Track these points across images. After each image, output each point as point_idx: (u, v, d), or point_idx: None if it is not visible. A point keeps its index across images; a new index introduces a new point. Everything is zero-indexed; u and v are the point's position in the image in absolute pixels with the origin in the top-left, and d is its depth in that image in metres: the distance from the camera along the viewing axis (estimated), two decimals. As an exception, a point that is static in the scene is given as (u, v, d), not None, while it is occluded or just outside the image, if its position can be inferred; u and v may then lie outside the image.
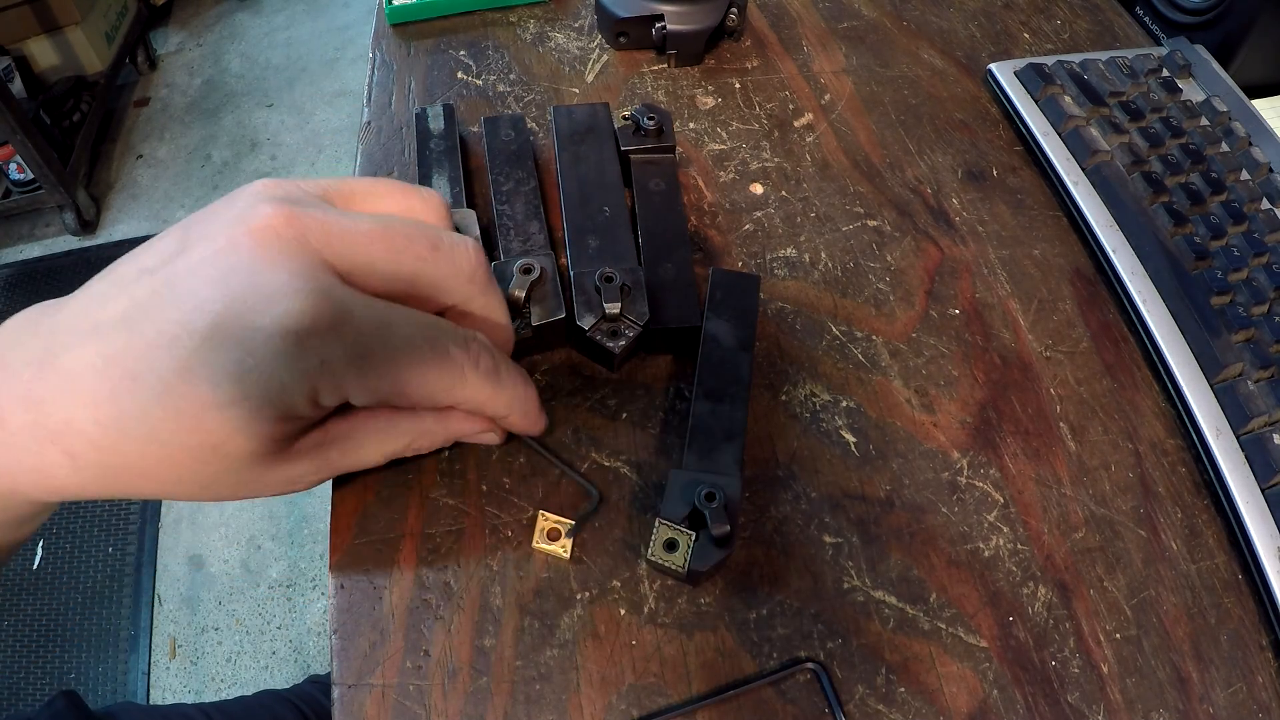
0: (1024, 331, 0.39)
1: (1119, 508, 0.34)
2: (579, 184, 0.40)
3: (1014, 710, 0.29)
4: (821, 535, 0.32)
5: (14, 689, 1.14)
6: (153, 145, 1.87)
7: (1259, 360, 0.36)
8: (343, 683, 0.28)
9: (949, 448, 0.35)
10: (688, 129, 0.46)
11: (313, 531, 1.29)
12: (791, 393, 0.36)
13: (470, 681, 0.28)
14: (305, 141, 1.87)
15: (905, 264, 0.41)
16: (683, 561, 0.28)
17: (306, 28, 2.17)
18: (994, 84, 0.48)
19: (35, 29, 1.67)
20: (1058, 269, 0.41)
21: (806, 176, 0.44)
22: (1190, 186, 0.42)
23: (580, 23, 0.52)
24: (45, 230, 1.69)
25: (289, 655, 1.18)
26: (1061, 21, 0.54)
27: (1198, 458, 0.35)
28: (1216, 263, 0.39)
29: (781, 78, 0.49)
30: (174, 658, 1.17)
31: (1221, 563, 0.33)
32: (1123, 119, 0.45)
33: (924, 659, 0.30)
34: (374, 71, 0.49)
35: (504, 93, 0.48)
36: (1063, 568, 0.32)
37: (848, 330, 0.38)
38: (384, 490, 0.32)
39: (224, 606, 1.22)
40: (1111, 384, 0.37)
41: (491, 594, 0.30)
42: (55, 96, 1.66)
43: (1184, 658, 0.30)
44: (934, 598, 0.31)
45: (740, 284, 0.36)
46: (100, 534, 1.28)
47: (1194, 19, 0.54)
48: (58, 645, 1.17)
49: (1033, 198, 0.44)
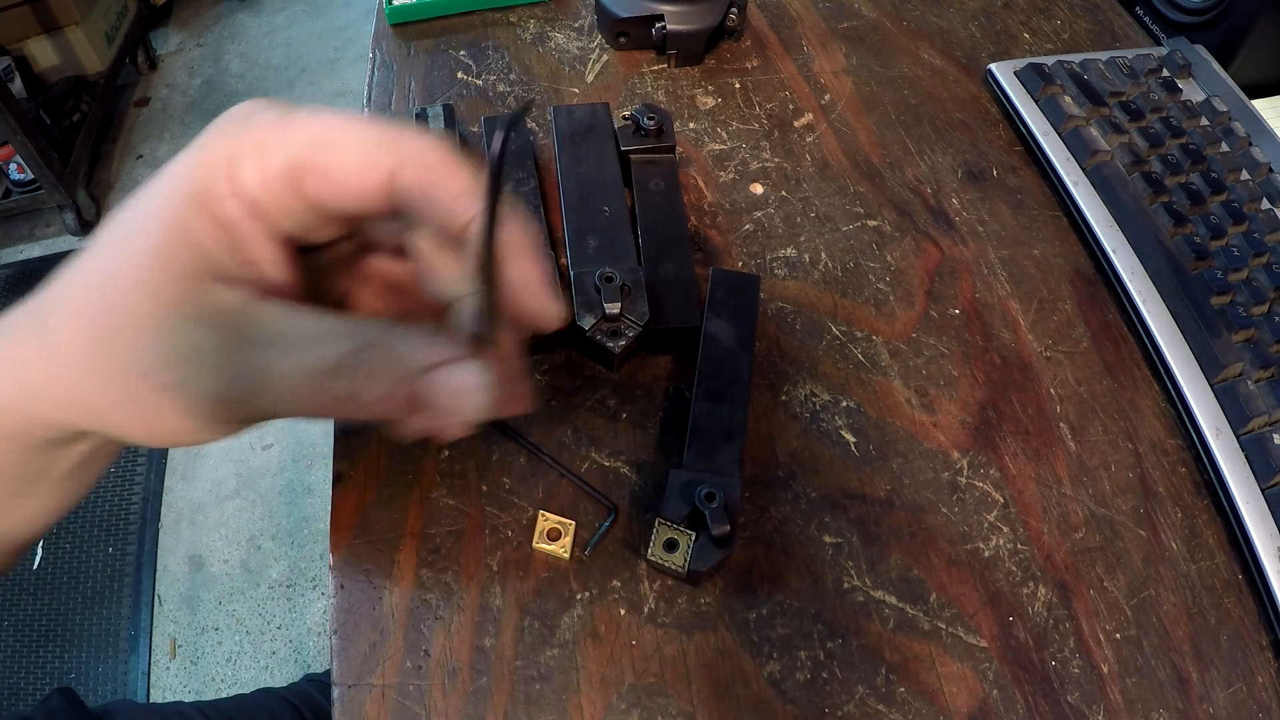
0: (1024, 331, 0.39)
1: (1119, 508, 0.34)
2: (579, 184, 0.40)
3: (1014, 710, 0.29)
4: (821, 535, 0.32)
5: (14, 689, 1.14)
6: (153, 145, 1.87)
7: (1259, 360, 0.36)
8: (343, 683, 0.28)
9: (949, 448, 0.35)
10: (688, 129, 0.46)
11: (313, 531, 1.29)
12: (791, 393, 0.36)
13: (470, 681, 0.28)
14: (305, 141, 1.87)
15: (905, 264, 0.41)
16: (683, 561, 0.28)
17: (306, 28, 2.17)
18: (994, 84, 0.48)
19: (35, 29, 1.67)
20: (1058, 269, 0.41)
21: (806, 176, 0.44)
22: (1190, 186, 0.42)
23: (580, 23, 0.52)
24: (45, 230, 1.69)
25: (289, 655, 1.18)
26: (1061, 21, 0.54)
27: (1198, 458, 0.35)
28: (1216, 263, 0.39)
29: (781, 78, 0.49)
30: (174, 658, 1.17)
31: (1221, 563, 0.33)
32: (1123, 119, 0.45)
33: (924, 659, 0.30)
34: (374, 71, 0.49)
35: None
36: (1063, 568, 0.32)
37: (848, 330, 0.38)
38: (384, 490, 0.32)
39: (224, 606, 1.22)
40: (1111, 384, 0.37)
41: (491, 594, 0.30)
42: (55, 96, 1.66)
43: (1184, 658, 0.30)
44: (934, 598, 0.31)
45: (740, 284, 0.36)
46: (100, 534, 1.28)
47: (1194, 19, 0.54)
48: (58, 645, 1.17)
49: (1033, 198, 0.44)
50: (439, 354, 0.22)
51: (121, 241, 0.23)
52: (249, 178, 0.22)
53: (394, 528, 0.31)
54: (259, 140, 0.22)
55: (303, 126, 0.22)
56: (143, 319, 0.22)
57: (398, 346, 0.22)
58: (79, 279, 0.23)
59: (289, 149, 0.22)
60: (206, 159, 0.22)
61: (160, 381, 0.22)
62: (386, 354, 0.22)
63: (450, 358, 0.22)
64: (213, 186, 0.22)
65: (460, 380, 0.22)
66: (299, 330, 0.22)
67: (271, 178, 0.22)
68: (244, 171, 0.22)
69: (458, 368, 0.22)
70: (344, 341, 0.22)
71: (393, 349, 0.22)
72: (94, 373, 0.23)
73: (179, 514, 1.31)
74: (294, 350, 0.22)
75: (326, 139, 0.22)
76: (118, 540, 1.27)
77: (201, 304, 0.22)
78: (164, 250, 0.22)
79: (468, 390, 0.22)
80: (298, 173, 0.22)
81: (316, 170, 0.22)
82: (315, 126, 0.22)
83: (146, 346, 0.22)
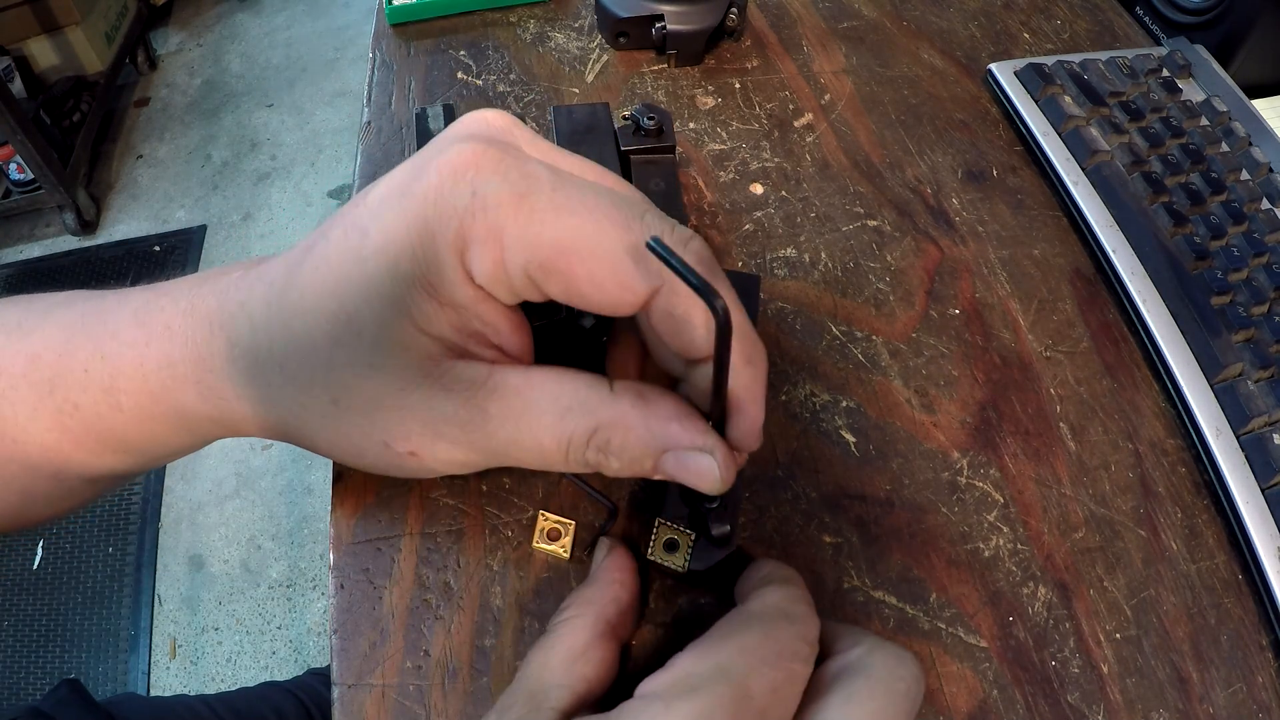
0: (1024, 331, 0.39)
1: (1119, 508, 0.34)
2: (579, 184, 0.40)
3: (1014, 710, 0.29)
4: (821, 535, 0.32)
5: (14, 689, 1.14)
6: (153, 145, 1.87)
7: (1259, 360, 0.36)
8: (343, 683, 0.28)
9: (949, 448, 0.35)
10: (688, 129, 0.46)
11: (313, 531, 1.29)
12: (791, 393, 0.36)
13: (470, 681, 0.28)
14: (305, 141, 1.87)
15: (905, 264, 0.41)
16: (683, 562, 0.28)
17: (306, 28, 2.17)
18: (994, 84, 0.48)
19: (35, 29, 1.67)
20: (1058, 269, 0.41)
21: (806, 176, 0.44)
22: (1190, 186, 0.42)
23: (580, 23, 0.52)
24: (45, 230, 1.69)
25: (289, 655, 1.18)
26: (1061, 21, 0.54)
27: (1198, 458, 0.35)
28: (1216, 263, 0.39)
29: (781, 78, 0.49)
30: (174, 658, 1.17)
31: (1221, 563, 0.33)
32: (1123, 119, 0.45)
33: (924, 659, 0.30)
34: (374, 71, 0.49)
35: (504, 93, 0.48)
36: (1063, 568, 0.32)
37: (848, 330, 0.38)
38: (384, 490, 0.32)
39: (224, 606, 1.22)
40: (1111, 384, 0.37)
41: (491, 594, 0.30)
42: (55, 96, 1.66)
43: (1184, 658, 0.30)
44: (934, 598, 0.31)
45: (741, 284, 0.36)
46: (100, 534, 1.28)
47: (1194, 19, 0.54)
48: (58, 645, 1.17)
49: (1033, 198, 0.44)
50: (686, 439, 0.23)
51: (348, 323, 0.22)
52: (484, 267, 0.21)
53: (394, 527, 0.31)
54: (495, 227, 0.20)
55: (549, 223, 0.20)
56: (381, 398, 0.22)
57: (649, 426, 0.22)
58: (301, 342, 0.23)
59: (532, 250, 0.20)
60: (435, 239, 0.21)
61: (408, 449, 0.23)
62: (637, 434, 0.22)
63: (695, 445, 0.23)
64: (445, 273, 0.21)
65: (701, 467, 0.23)
66: (548, 400, 0.22)
67: (511, 274, 0.21)
68: (478, 260, 0.21)
69: (701, 456, 0.23)
70: (593, 415, 0.22)
71: (643, 429, 0.22)
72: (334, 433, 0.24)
73: (179, 514, 1.31)
74: (543, 421, 0.22)
75: (576, 244, 0.20)
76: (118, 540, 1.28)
77: (444, 380, 0.22)
78: (397, 339, 0.21)
79: (705, 478, 0.23)
80: (541, 273, 0.21)
81: (563, 275, 0.21)
82: (563, 226, 0.20)
83: (388, 421, 0.23)
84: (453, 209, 0.20)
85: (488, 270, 0.21)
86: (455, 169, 0.21)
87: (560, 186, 0.21)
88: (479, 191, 0.20)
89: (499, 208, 0.20)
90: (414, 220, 0.21)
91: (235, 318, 0.24)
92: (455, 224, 0.20)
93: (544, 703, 0.22)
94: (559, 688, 0.23)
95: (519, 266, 0.21)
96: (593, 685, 0.24)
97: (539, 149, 0.24)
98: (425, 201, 0.21)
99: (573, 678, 0.23)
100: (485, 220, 0.20)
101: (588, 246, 0.20)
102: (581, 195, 0.21)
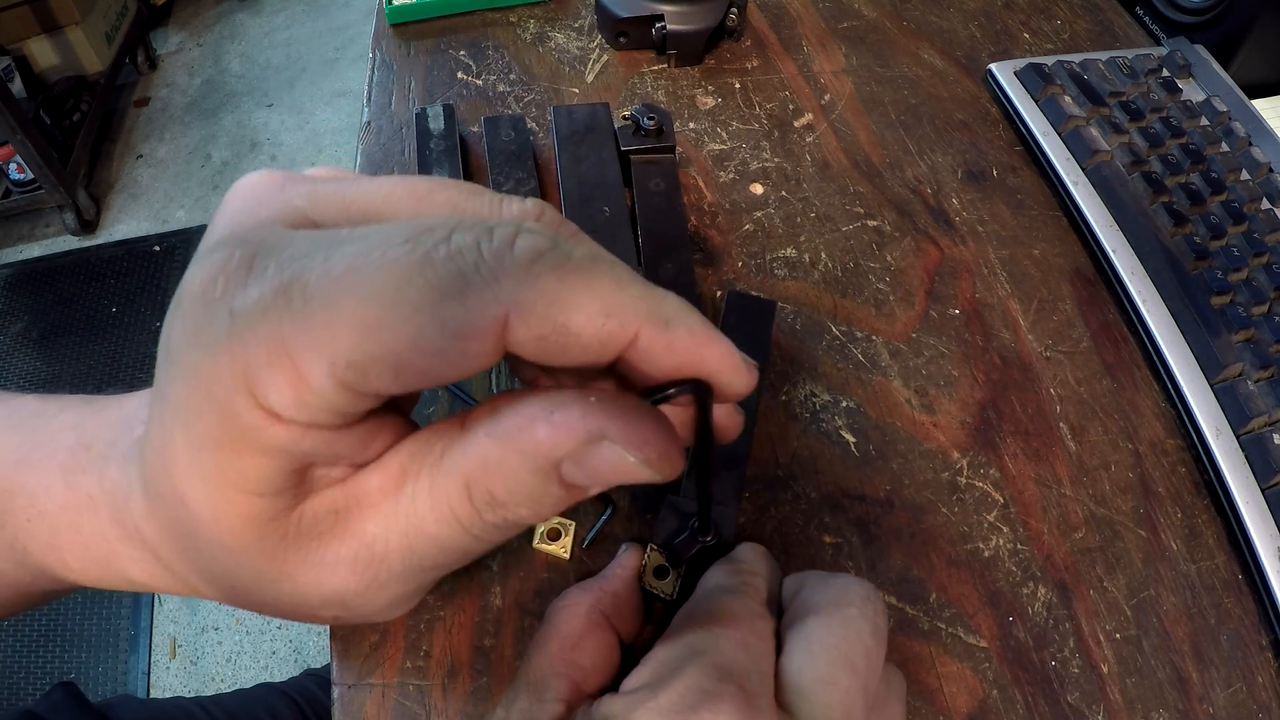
0: (1024, 331, 0.39)
1: (1119, 508, 0.34)
2: (579, 184, 0.40)
3: (1014, 710, 0.29)
4: (821, 535, 0.32)
5: (14, 689, 1.14)
6: (153, 145, 1.87)
7: (1259, 360, 0.36)
8: (343, 683, 0.28)
9: (949, 448, 0.35)
10: (688, 129, 0.46)
11: (313, 531, 1.29)
12: (791, 393, 0.36)
13: (470, 681, 0.28)
14: (305, 141, 1.87)
15: (905, 264, 0.41)
16: (671, 589, 0.29)
17: (306, 28, 2.17)
18: (994, 84, 0.48)
19: (35, 29, 1.67)
20: (1058, 269, 0.41)
21: (806, 176, 0.44)
22: (1190, 186, 0.42)
23: (580, 23, 0.52)
24: (45, 230, 1.69)
25: (289, 655, 1.18)
26: (1061, 21, 0.54)
27: (1198, 458, 0.35)
28: (1216, 263, 0.39)
29: (781, 78, 0.49)
30: (174, 658, 1.17)
31: (1221, 563, 0.33)
32: (1123, 119, 0.45)
33: (924, 659, 0.30)
34: (374, 71, 0.49)
35: (504, 93, 0.48)
36: (1063, 568, 0.32)
37: (848, 330, 0.38)
38: (384, 490, 0.32)
39: (224, 606, 1.22)
40: (1111, 384, 0.37)
41: (491, 594, 0.30)
42: (55, 96, 1.66)
43: (1184, 658, 0.30)
44: (934, 598, 0.31)
45: (756, 308, 0.35)
46: (100, 534, 1.28)
47: (1194, 19, 0.54)
48: (58, 645, 1.17)
49: (1033, 198, 0.44)
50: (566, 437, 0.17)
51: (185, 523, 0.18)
52: (282, 397, 0.16)
53: (394, 528, 0.31)
54: (274, 342, 0.15)
55: (336, 314, 0.15)
56: (261, 585, 0.18)
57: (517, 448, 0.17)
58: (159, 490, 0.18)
59: (331, 351, 0.15)
60: (212, 391, 0.16)
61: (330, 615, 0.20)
62: (510, 465, 0.17)
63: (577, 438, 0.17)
64: (240, 422, 0.16)
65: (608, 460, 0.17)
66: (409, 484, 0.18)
67: (320, 391, 0.16)
68: (274, 391, 0.16)
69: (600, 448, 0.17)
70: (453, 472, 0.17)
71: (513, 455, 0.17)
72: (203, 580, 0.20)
73: (179, 514, 1.31)
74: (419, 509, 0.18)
75: (380, 324, 0.15)
76: (118, 540, 1.27)
77: (302, 538, 0.18)
78: (232, 522, 0.17)
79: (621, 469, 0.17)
80: (356, 374, 0.15)
81: (380, 363, 0.15)
82: (352, 310, 0.15)
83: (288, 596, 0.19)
84: (213, 342, 0.15)
85: (288, 398, 0.15)
86: (199, 292, 0.16)
87: (332, 254, 0.16)
88: (236, 309, 0.15)
89: (266, 317, 0.15)
90: (190, 384, 0.16)
91: (129, 500, 0.20)
92: (224, 360, 0.15)
93: (545, 693, 0.23)
94: (558, 677, 0.24)
95: (323, 378, 0.15)
96: (590, 674, 0.24)
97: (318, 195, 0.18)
98: (183, 348, 0.16)
99: (570, 666, 0.24)
100: (258, 339, 0.15)
101: (392, 322, 0.15)
102: (366, 254, 0.15)
